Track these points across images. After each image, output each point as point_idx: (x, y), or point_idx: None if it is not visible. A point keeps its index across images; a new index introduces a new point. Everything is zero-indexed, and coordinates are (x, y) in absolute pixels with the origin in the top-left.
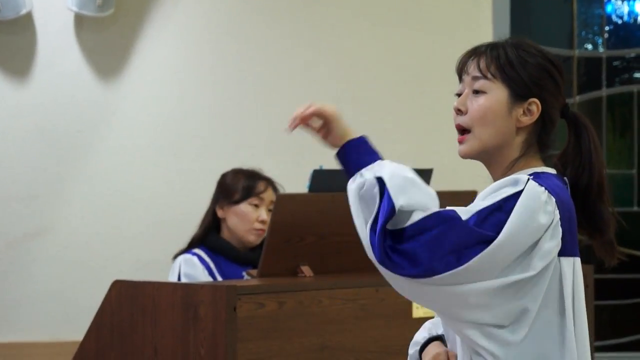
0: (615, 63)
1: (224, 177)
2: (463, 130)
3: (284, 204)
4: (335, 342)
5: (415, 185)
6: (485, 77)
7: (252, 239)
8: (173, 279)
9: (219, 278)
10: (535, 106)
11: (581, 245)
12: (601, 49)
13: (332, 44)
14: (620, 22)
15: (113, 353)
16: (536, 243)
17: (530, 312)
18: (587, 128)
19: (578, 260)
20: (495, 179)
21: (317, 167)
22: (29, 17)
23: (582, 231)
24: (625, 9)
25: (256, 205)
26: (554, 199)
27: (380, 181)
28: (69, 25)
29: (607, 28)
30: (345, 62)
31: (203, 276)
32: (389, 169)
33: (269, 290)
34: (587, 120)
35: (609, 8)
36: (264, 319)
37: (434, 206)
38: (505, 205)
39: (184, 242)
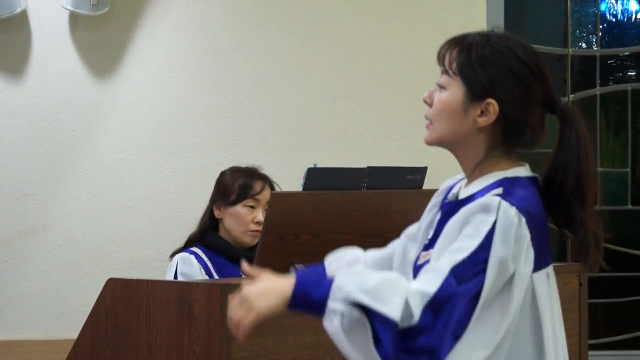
0: (610, 61)
1: (222, 175)
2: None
3: (278, 202)
4: (329, 340)
5: (384, 284)
6: (447, 72)
7: (248, 240)
8: (170, 277)
9: (217, 277)
10: (492, 107)
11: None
12: (595, 48)
13: (326, 41)
14: (614, 20)
15: (107, 351)
16: (513, 276)
17: (507, 335)
18: (573, 126)
19: (550, 268)
20: (465, 174)
21: (312, 165)
22: (23, 15)
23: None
24: (619, 7)
25: (252, 207)
26: (523, 220)
27: (355, 304)
28: (63, 24)
29: (601, 26)
30: (339, 59)
31: (199, 275)
32: (351, 288)
33: None
34: (577, 118)
35: (603, 6)
36: None
37: (405, 284)
38: (485, 244)
39: (178, 240)
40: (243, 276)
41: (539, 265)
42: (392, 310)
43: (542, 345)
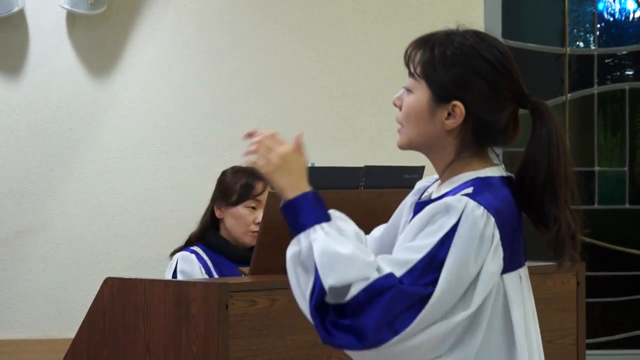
0: (607, 60)
1: (223, 175)
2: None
3: (276, 201)
4: None
5: (348, 259)
6: (412, 75)
7: (249, 240)
8: (169, 275)
9: (217, 276)
10: (458, 109)
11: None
12: (593, 47)
13: (324, 40)
14: (611, 19)
15: (105, 350)
16: (478, 274)
17: (474, 334)
18: (544, 122)
19: (524, 269)
20: (439, 175)
21: (309, 165)
22: (21, 14)
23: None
24: (616, 6)
25: (253, 208)
26: (492, 220)
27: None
28: (61, 23)
29: (598, 25)
30: (337, 59)
31: (199, 274)
32: (321, 243)
33: (261, 288)
34: (548, 113)
35: (600, 5)
36: (256, 316)
37: (371, 273)
38: (445, 245)
39: (176, 239)
40: (242, 275)
41: (511, 266)
42: (326, 279)
43: (514, 347)
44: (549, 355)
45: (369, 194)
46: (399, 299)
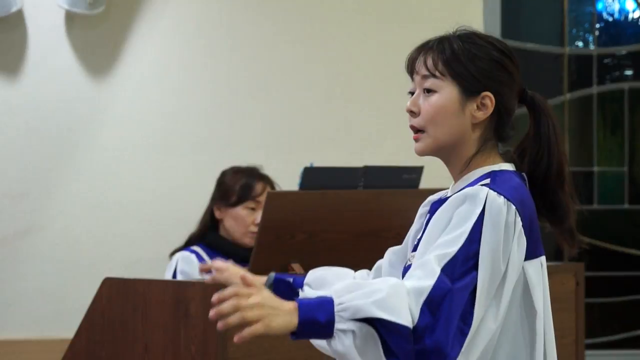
0: (606, 60)
1: (222, 176)
2: (418, 130)
3: (275, 201)
4: None
5: (391, 292)
6: (434, 75)
7: (248, 241)
8: (169, 275)
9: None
10: (489, 100)
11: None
12: (592, 47)
13: (323, 41)
14: (611, 19)
15: (104, 350)
16: (506, 266)
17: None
18: (546, 113)
19: (543, 258)
20: (453, 176)
21: (308, 165)
22: (19, 14)
23: (541, 219)
24: (616, 6)
25: (252, 209)
26: (513, 207)
27: (364, 320)
28: (59, 23)
29: (597, 25)
30: (336, 59)
31: (199, 274)
32: (359, 303)
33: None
34: (547, 104)
35: (599, 5)
36: None
37: (403, 288)
38: (474, 235)
39: (174, 239)
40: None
41: (532, 254)
42: (405, 319)
43: (534, 332)
44: None
45: (368, 194)
46: (456, 301)
